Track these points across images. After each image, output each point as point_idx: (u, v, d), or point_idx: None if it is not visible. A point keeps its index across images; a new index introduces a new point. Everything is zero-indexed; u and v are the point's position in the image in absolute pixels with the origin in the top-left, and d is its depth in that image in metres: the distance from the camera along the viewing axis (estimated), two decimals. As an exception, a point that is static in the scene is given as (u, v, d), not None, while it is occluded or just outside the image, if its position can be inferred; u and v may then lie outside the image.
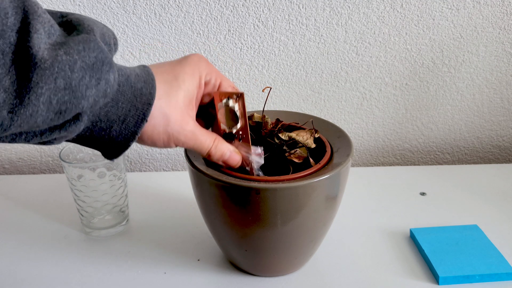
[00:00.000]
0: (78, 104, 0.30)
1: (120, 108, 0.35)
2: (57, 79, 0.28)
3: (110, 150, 0.37)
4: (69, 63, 0.29)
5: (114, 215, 0.59)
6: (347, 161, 0.45)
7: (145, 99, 0.35)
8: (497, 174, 0.73)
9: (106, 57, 0.31)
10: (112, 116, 0.35)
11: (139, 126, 0.36)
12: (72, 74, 0.29)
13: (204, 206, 0.48)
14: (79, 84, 0.30)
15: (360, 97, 0.78)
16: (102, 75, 0.31)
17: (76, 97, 0.30)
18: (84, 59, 0.30)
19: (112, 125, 0.35)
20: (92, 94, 0.31)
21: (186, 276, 0.52)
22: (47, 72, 0.28)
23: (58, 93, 0.29)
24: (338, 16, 0.72)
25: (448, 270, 0.50)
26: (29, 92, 0.27)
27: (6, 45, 0.26)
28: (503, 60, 0.76)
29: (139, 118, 0.35)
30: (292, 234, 0.45)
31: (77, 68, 0.29)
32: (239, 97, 0.42)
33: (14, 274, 0.53)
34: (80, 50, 0.29)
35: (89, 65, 0.30)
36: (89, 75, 0.30)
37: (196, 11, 0.71)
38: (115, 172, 0.57)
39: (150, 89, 0.36)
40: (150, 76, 0.36)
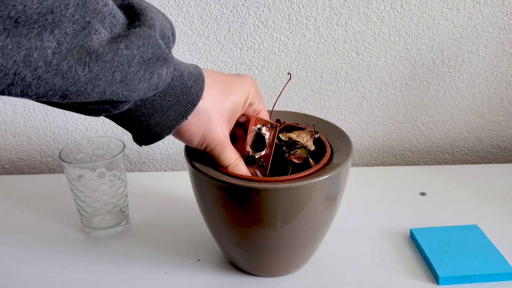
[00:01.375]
0: (129, 96, 0.31)
1: (166, 100, 0.36)
2: (115, 73, 0.29)
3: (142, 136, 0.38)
4: (128, 58, 0.29)
5: (114, 215, 0.59)
6: (347, 161, 0.45)
7: (191, 98, 0.37)
8: (497, 174, 0.73)
9: (162, 53, 0.32)
10: (157, 105, 0.36)
11: (178, 121, 0.37)
12: (129, 68, 0.30)
13: (204, 206, 0.48)
14: (133, 78, 0.30)
15: (360, 97, 0.78)
16: (155, 69, 0.32)
17: (129, 90, 0.31)
18: (142, 54, 0.30)
19: (154, 114, 0.36)
20: (143, 88, 0.32)
21: (186, 276, 0.52)
22: (107, 65, 0.28)
23: (113, 85, 0.29)
24: (338, 16, 0.72)
25: (448, 270, 0.50)
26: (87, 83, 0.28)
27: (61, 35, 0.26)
28: (503, 60, 0.76)
29: (180, 114, 0.37)
30: (292, 234, 0.45)
31: (134, 63, 0.30)
32: (273, 128, 0.45)
33: (14, 274, 0.53)
34: (140, 46, 0.30)
35: (145, 60, 0.31)
36: (143, 69, 0.31)
37: (196, 11, 0.71)
38: (115, 172, 0.57)
39: (198, 90, 0.37)
40: (201, 77, 0.38)
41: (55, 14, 0.26)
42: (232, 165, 0.43)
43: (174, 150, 0.82)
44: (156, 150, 0.81)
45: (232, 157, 0.43)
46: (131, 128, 0.38)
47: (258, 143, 0.45)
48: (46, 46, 0.26)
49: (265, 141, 0.45)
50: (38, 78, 0.26)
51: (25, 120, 0.78)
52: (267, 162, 0.45)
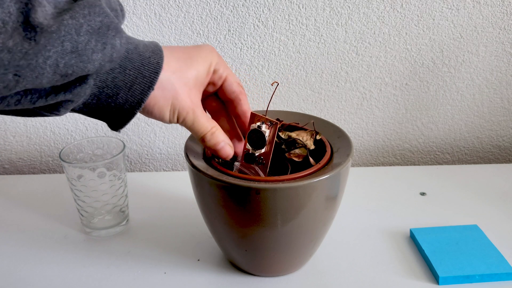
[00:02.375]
0: (84, 68, 0.31)
1: (127, 75, 0.35)
2: (64, 42, 0.29)
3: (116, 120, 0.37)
4: (75, 26, 0.29)
5: (114, 215, 0.59)
6: (347, 161, 0.45)
7: (152, 68, 0.36)
8: (497, 174, 0.73)
9: (111, 21, 0.32)
10: (119, 82, 0.35)
11: (146, 93, 0.36)
12: (79, 37, 0.30)
13: (204, 206, 0.48)
14: (85, 47, 0.30)
15: (360, 97, 0.78)
16: (108, 39, 0.32)
17: (83, 60, 0.30)
18: (89, 23, 0.30)
19: (119, 92, 0.36)
20: (98, 58, 0.31)
21: (186, 276, 0.52)
22: (54, 35, 0.28)
23: (65, 56, 0.29)
24: (338, 16, 0.72)
25: (448, 270, 0.50)
26: (37, 55, 0.28)
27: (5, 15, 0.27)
28: (503, 60, 0.76)
29: (146, 86, 0.36)
30: (292, 234, 0.45)
31: (83, 31, 0.30)
32: (273, 125, 0.44)
33: (14, 274, 0.53)
34: (86, 14, 0.30)
35: (94, 29, 0.31)
36: (95, 39, 0.31)
37: (196, 11, 0.71)
38: (115, 172, 0.57)
39: (158, 59, 0.37)
40: (158, 47, 0.37)
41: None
42: (209, 133, 0.42)
43: (174, 150, 0.82)
44: (156, 150, 0.81)
45: (207, 125, 0.41)
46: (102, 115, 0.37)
47: (258, 141, 0.45)
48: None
49: (265, 139, 0.45)
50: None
51: (25, 120, 0.78)
52: (267, 159, 0.45)
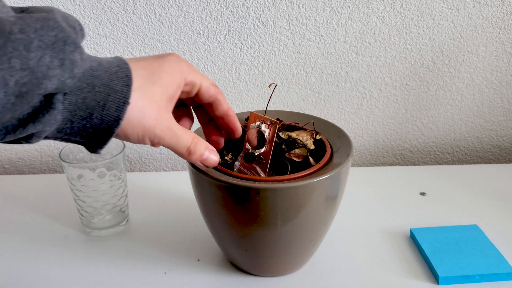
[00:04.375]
0: (39, 84, 0.28)
1: (97, 93, 0.33)
2: (12, 59, 0.27)
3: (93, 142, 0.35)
4: (24, 42, 0.27)
5: (114, 215, 0.59)
6: (347, 161, 0.45)
7: (122, 82, 0.34)
8: (497, 174, 0.73)
9: (68, 36, 0.30)
10: (91, 102, 0.33)
11: (122, 109, 0.34)
12: (29, 53, 0.27)
13: (204, 206, 0.48)
14: (37, 64, 0.28)
15: (360, 97, 0.78)
16: (65, 55, 0.29)
17: (37, 77, 0.28)
18: (41, 38, 0.28)
19: (93, 112, 0.33)
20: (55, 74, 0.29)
21: (186, 276, 0.52)
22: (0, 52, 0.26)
23: (14, 74, 0.27)
24: (338, 16, 0.72)
25: (448, 270, 0.50)
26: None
27: None
28: (503, 60, 0.76)
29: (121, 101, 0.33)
30: (292, 234, 0.45)
31: (33, 47, 0.28)
32: (273, 125, 0.44)
33: (14, 274, 0.53)
34: (38, 29, 0.28)
35: (48, 45, 0.28)
36: (49, 55, 0.29)
37: (196, 11, 0.71)
38: (115, 172, 0.57)
39: (126, 72, 0.34)
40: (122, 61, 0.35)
41: None
42: (193, 145, 0.39)
43: (174, 150, 0.81)
44: (156, 150, 0.81)
45: (187, 137, 0.38)
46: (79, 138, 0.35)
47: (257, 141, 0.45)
48: None
49: (265, 138, 0.44)
50: None
51: (25, 120, 0.78)
52: (267, 159, 0.45)
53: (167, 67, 0.38)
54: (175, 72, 0.38)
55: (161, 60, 0.38)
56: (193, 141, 0.39)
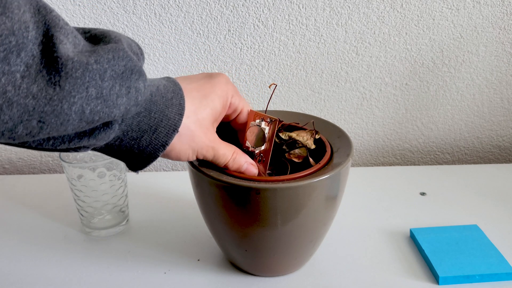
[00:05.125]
0: (110, 113, 0.30)
1: (152, 118, 0.35)
2: (89, 88, 0.28)
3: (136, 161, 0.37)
4: (99, 72, 0.29)
5: (114, 215, 0.59)
6: (347, 161, 0.45)
7: (176, 110, 0.36)
8: (497, 174, 0.73)
9: (135, 65, 0.31)
10: (144, 126, 0.35)
11: (170, 136, 0.36)
12: (103, 83, 0.29)
13: (204, 206, 0.48)
14: (109, 93, 0.30)
15: (360, 97, 0.78)
16: (131, 83, 0.31)
17: (108, 106, 0.30)
18: (113, 68, 0.30)
19: (143, 135, 0.35)
20: (123, 103, 0.31)
21: (186, 276, 0.52)
22: (79, 81, 0.28)
23: (90, 102, 0.29)
24: (338, 16, 0.72)
25: (448, 270, 0.50)
26: (62, 101, 0.27)
27: (29, 58, 0.26)
28: (503, 60, 0.76)
29: (171, 129, 0.36)
30: (292, 234, 0.45)
31: (107, 77, 0.29)
32: (272, 122, 0.44)
33: (14, 274, 0.53)
34: (110, 59, 0.29)
35: (118, 74, 0.30)
36: (119, 84, 0.30)
37: (196, 11, 0.71)
38: (115, 172, 0.57)
39: (179, 100, 0.37)
40: (177, 86, 0.37)
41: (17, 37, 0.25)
42: (231, 160, 0.43)
43: (174, 150, 0.81)
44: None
45: (228, 154, 0.42)
46: (123, 156, 0.37)
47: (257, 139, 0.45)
48: (14, 70, 0.25)
49: (265, 136, 0.45)
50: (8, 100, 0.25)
51: (25, 120, 0.78)
52: (267, 156, 0.45)
53: (218, 90, 0.41)
54: (223, 95, 0.41)
55: (213, 81, 0.41)
56: (232, 157, 0.43)
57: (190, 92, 0.39)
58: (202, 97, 0.39)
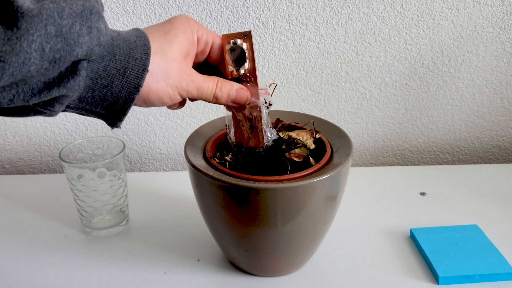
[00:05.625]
0: (72, 51, 0.31)
1: (118, 61, 0.35)
2: (47, 26, 0.29)
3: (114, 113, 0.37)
4: (57, 10, 0.29)
5: (114, 215, 0.59)
6: (347, 161, 0.45)
7: (141, 50, 0.36)
8: (497, 174, 0.73)
9: (93, 6, 0.32)
10: (112, 70, 0.35)
11: (141, 76, 0.36)
12: (62, 20, 0.29)
13: (204, 206, 0.48)
14: (69, 31, 0.30)
15: (360, 97, 0.78)
16: (92, 23, 0.32)
17: (69, 44, 0.30)
18: (71, 6, 0.30)
19: (113, 80, 0.35)
20: (85, 42, 0.31)
21: (186, 276, 0.52)
22: (36, 19, 0.28)
23: (50, 40, 0.29)
24: (338, 16, 0.72)
25: (448, 270, 0.50)
26: (20, 39, 0.28)
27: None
28: (503, 60, 0.76)
29: (140, 69, 0.36)
30: (292, 234, 0.45)
31: (65, 15, 0.30)
32: (247, 36, 0.42)
33: (14, 274, 0.53)
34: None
35: (77, 13, 0.30)
36: (79, 22, 0.31)
37: (196, 11, 0.71)
38: (115, 172, 0.57)
39: (144, 41, 0.36)
40: (139, 31, 0.37)
41: None
42: (218, 90, 0.41)
43: (174, 150, 0.82)
44: (156, 150, 0.81)
45: (211, 84, 0.41)
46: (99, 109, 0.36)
47: (238, 59, 0.43)
48: None
49: (245, 54, 0.42)
50: None
51: (25, 120, 0.78)
52: (254, 75, 0.43)
53: (178, 25, 0.40)
54: (186, 29, 0.40)
55: (172, 20, 0.40)
56: (217, 86, 0.41)
57: (152, 32, 0.38)
58: (164, 34, 0.39)
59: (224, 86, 0.42)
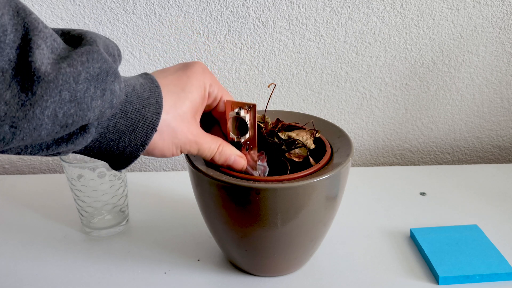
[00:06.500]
0: (84, 116, 0.30)
1: (129, 119, 0.35)
2: (62, 92, 0.28)
3: (117, 161, 0.37)
4: (73, 75, 0.28)
5: (114, 215, 0.59)
6: (347, 161, 0.45)
7: (153, 109, 0.36)
8: (497, 174, 0.73)
9: (110, 67, 0.31)
10: (121, 127, 0.35)
11: (149, 136, 0.36)
12: (77, 85, 0.29)
13: (204, 206, 0.48)
14: (84, 95, 0.29)
15: (360, 97, 0.78)
16: (107, 85, 0.31)
17: (82, 109, 0.30)
18: (88, 70, 0.29)
19: (121, 136, 0.35)
20: (98, 105, 0.31)
21: (186, 276, 0.52)
22: (51, 85, 0.27)
23: (63, 106, 0.28)
24: (338, 16, 0.72)
25: (448, 270, 0.50)
26: (34, 106, 0.27)
27: (5, 62, 0.26)
28: (503, 60, 0.76)
29: (149, 128, 0.36)
30: (292, 234, 0.45)
31: (81, 79, 0.29)
32: (251, 108, 0.43)
33: (14, 274, 0.53)
34: (84, 61, 0.29)
35: (93, 76, 0.30)
36: (94, 86, 0.30)
37: (196, 11, 0.71)
38: (115, 172, 0.57)
39: (157, 98, 0.36)
40: (154, 84, 0.37)
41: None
42: (217, 153, 0.42)
43: (174, 150, 0.81)
44: (156, 150, 0.81)
45: (213, 146, 0.42)
46: (104, 157, 0.37)
47: (240, 127, 0.44)
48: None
49: (247, 124, 0.43)
50: None
51: (25, 120, 0.78)
52: (254, 143, 0.44)
53: (194, 80, 0.40)
54: (200, 85, 0.40)
55: (189, 72, 0.40)
56: (218, 150, 0.42)
57: (167, 86, 0.38)
58: (180, 91, 0.39)
59: (225, 151, 0.43)
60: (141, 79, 0.37)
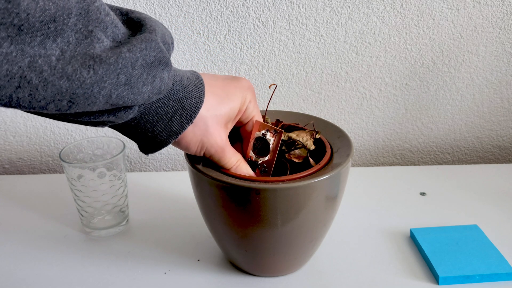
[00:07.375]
0: (134, 100, 0.32)
1: (170, 106, 0.37)
2: (120, 75, 0.30)
3: (148, 144, 0.38)
4: (131, 60, 0.30)
5: (114, 215, 0.59)
6: (347, 161, 0.45)
7: (194, 102, 0.37)
8: (497, 174, 0.73)
9: (164, 56, 0.33)
10: (161, 112, 0.37)
11: (184, 126, 0.37)
12: (133, 71, 0.30)
13: (204, 206, 0.48)
14: (137, 80, 0.31)
15: (360, 97, 0.78)
16: (157, 73, 0.33)
17: (134, 93, 0.31)
18: (145, 57, 0.31)
19: (159, 120, 0.37)
20: (147, 91, 0.32)
21: (186, 276, 0.52)
22: (112, 68, 0.29)
23: (118, 88, 0.30)
24: (338, 16, 0.72)
25: (448, 270, 0.50)
26: (93, 85, 0.29)
27: (64, 44, 0.27)
28: (503, 60, 0.76)
29: (186, 119, 0.37)
30: (292, 234, 0.45)
31: (138, 65, 0.31)
32: (277, 134, 0.44)
33: (14, 274, 0.53)
34: (142, 49, 0.31)
35: (148, 63, 0.31)
36: (146, 72, 0.32)
37: (196, 11, 0.71)
38: (115, 172, 0.57)
39: (199, 94, 0.38)
40: (200, 81, 0.38)
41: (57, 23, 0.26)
42: (234, 167, 0.43)
43: (174, 150, 0.82)
44: (156, 150, 0.81)
45: (233, 160, 0.43)
46: (137, 137, 0.38)
47: (261, 149, 0.45)
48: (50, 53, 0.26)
49: (269, 147, 0.45)
50: (44, 80, 0.27)
51: (25, 120, 0.78)
52: (270, 167, 0.45)
53: (239, 92, 0.42)
54: (242, 98, 0.42)
55: (237, 83, 0.42)
56: (235, 164, 0.43)
57: (214, 88, 0.40)
58: (224, 96, 0.40)
59: (241, 168, 0.44)
60: (189, 74, 0.39)
